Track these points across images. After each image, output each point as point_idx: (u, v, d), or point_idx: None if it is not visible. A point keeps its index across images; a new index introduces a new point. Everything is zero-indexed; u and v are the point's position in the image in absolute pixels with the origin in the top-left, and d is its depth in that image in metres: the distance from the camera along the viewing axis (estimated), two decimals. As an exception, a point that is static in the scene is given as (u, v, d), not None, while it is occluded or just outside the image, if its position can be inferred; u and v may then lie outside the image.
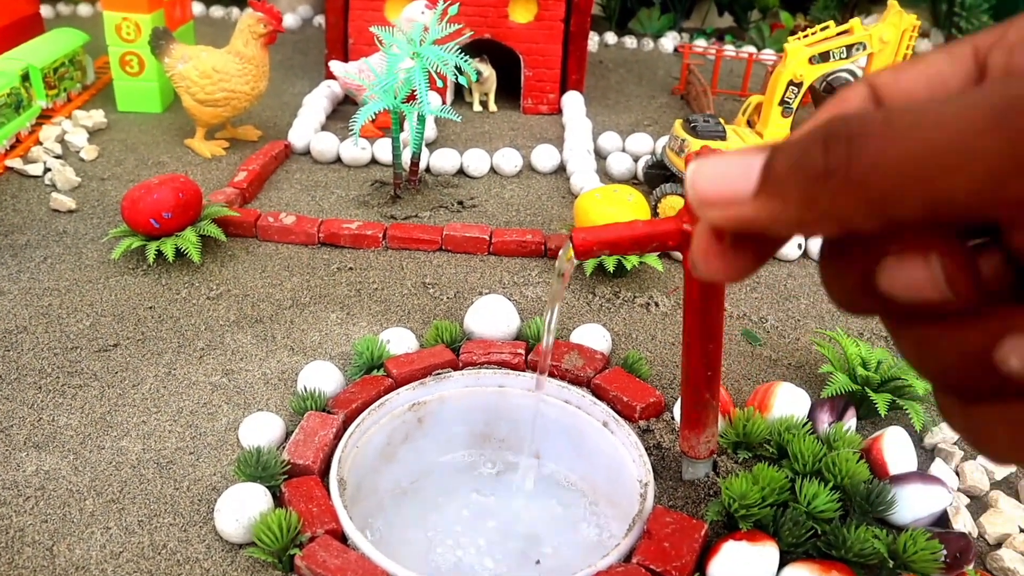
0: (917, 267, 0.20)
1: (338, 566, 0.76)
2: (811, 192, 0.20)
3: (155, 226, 1.27)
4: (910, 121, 0.18)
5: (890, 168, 0.18)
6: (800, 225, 0.20)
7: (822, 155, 0.19)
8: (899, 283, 0.20)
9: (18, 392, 1.02)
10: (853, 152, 0.19)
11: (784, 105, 1.49)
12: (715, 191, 0.21)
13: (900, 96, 0.24)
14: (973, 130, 0.17)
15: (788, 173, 0.20)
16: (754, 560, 0.80)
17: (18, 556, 0.80)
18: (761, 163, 0.21)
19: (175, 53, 1.66)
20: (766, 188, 0.21)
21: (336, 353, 1.12)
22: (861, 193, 0.19)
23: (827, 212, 0.19)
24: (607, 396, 1.01)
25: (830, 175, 0.19)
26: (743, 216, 0.21)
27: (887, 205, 0.19)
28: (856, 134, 0.19)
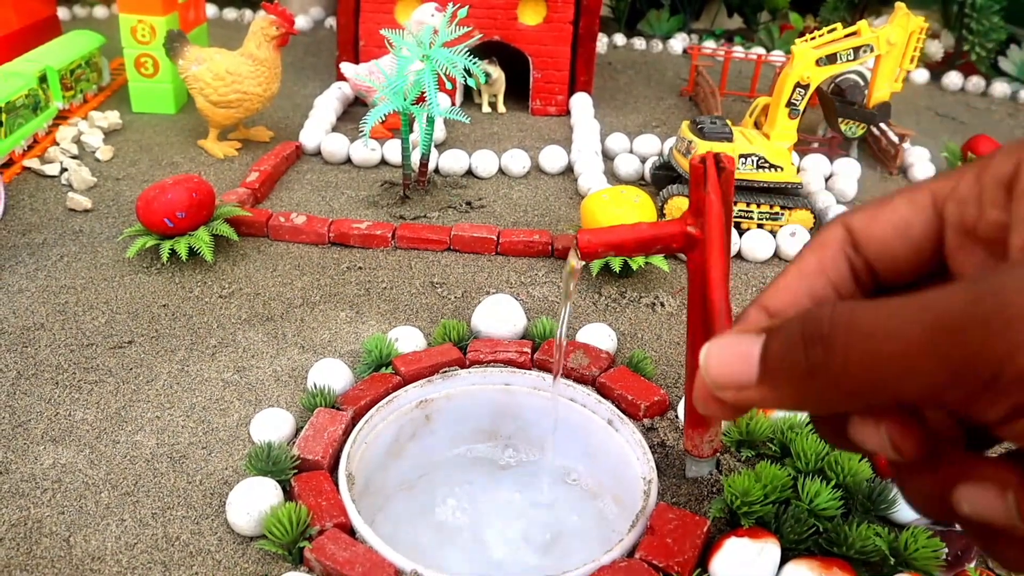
0: (870, 431, 0.24)
1: (346, 558, 0.78)
2: (800, 387, 0.24)
3: (169, 225, 1.29)
4: (868, 330, 0.22)
5: (857, 373, 0.22)
6: (795, 408, 0.25)
7: (803, 355, 0.23)
8: (862, 440, 0.25)
9: (35, 387, 1.04)
10: (828, 354, 0.23)
11: (791, 107, 1.50)
12: (725, 379, 0.26)
13: (873, 241, 0.28)
14: (915, 347, 0.21)
15: (779, 368, 0.24)
16: (756, 556, 0.81)
17: (36, 547, 0.82)
18: (758, 353, 0.25)
19: (189, 55, 1.68)
20: (765, 379, 0.25)
21: (345, 351, 1.14)
22: (837, 390, 0.23)
23: (814, 401, 0.24)
24: (612, 394, 1.03)
25: (812, 374, 0.23)
26: (750, 400, 0.26)
27: (859, 398, 0.23)
28: (827, 337, 0.23)
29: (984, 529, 0.24)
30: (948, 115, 2.35)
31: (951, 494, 0.24)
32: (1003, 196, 0.25)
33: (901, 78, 1.64)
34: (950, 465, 0.24)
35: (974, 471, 0.23)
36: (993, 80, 2.59)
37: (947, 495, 0.24)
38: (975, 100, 2.52)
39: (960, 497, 0.23)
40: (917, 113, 2.32)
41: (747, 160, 1.45)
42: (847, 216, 0.28)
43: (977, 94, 2.57)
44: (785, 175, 1.47)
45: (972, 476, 0.23)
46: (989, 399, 0.21)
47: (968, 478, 0.23)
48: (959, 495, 0.23)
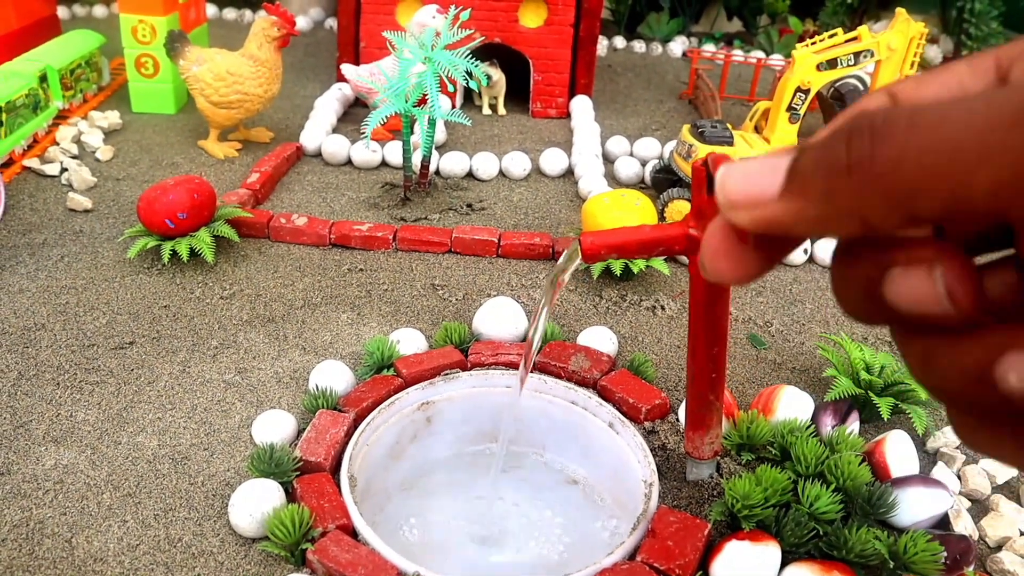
0: (920, 278, 0.20)
1: (349, 560, 0.78)
2: (833, 187, 0.20)
3: (170, 226, 1.29)
4: (934, 118, 0.18)
5: (912, 163, 0.18)
6: (822, 222, 0.21)
7: (845, 150, 0.19)
8: (902, 293, 0.20)
9: (37, 388, 1.04)
10: (876, 146, 0.19)
11: (791, 111, 1.51)
12: (742, 193, 0.22)
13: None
14: (998, 127, 0.17)
15: (812, 170, 0.20)
16: (756, 560, 0.81)
17: (38, 547, 0.82)
18: (787, 163, 0.21)
19: (190, 55, 1.68)
20: (790, 187, 0.21)
21: (347, 353, 1.14)
22: (882, 188, 0.19)
23: (848, 208, 0.20)
24: (613, 397, 1.03)
25: (852, 170, 0.19)
26: (769, 216, 0.22)
27: (907, 200, 0.19)
28: (879, 129, 0.19)
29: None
30: (946, 120, 2.36)
31: (996, 364, 0.19)
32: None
33: (901, 83, 1.64)
34: (996, 332, 0.20)
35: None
36: (991, 85, 2.59)
37: (989, 368, 0.19)
38: (973, 105, 2.53)
39: (1008, 366, 0.19)
40: (916, 117, 2.33)
41: (747, 164, 1.45)
42: (894, 83, 0.24)
43: (975, 99, 2.58)
44: (785, 179, 1.47)
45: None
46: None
47: (1022, 344, 0.19)
48: (1007, 363, 0.19)
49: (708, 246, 0.24)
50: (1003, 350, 0.19)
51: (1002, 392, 0.19)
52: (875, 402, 1.03)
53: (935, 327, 0.21)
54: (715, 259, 0.24)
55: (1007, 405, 0.19)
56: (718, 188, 0.23)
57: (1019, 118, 0.17)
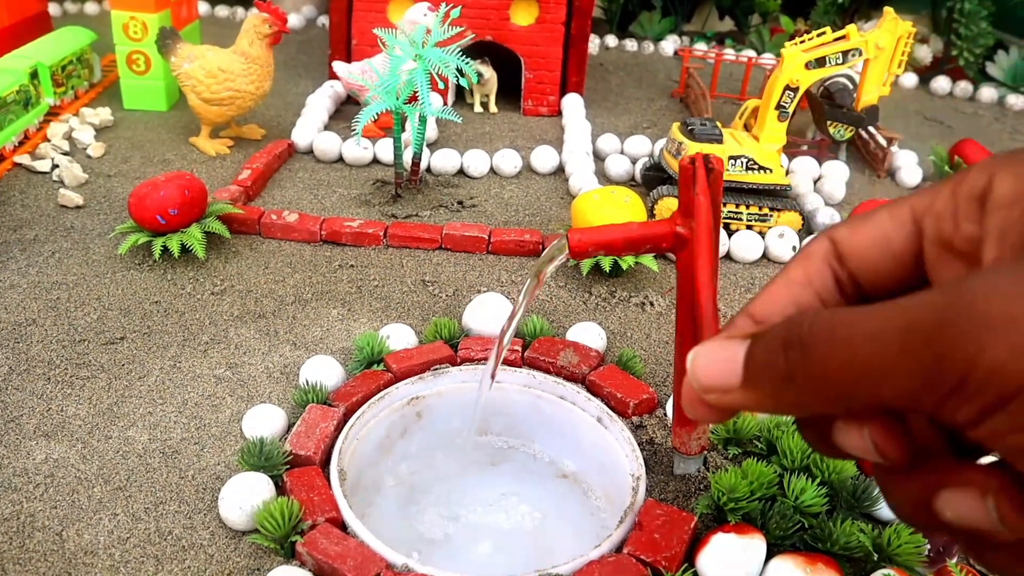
0: (854, 435, 0.25)
1: (338, 552, 0.79)
2: (779, 390, 0.25)
3: (161, 222, 1.29)
4: (845, 335, 0.23)
5: (835, 376, 0.23)
6: (776, 411, 0.26)
7: (784, 360, 0.24)
8: (846, 444, 0.25)
9: (27, 383, 1.05)
10: (807, 358, 0.23)
11: (780, 109, 1.52)
12: (711, 382, 0.27)
13: (855, 253, 0.29)
14: (889, 351, 0.22)
15: (761, 372, 0.25)
16: (742, 552, 0.82)
17: (28, 540, 0.83)
18: (743, 357, 0.26)
19: (181, 52, 1.68)
20: (748, 383, 0.26)
21: (337, 348, 1.15)
22: (816, 393, 0.24)
23: (795, 403, 0.25)
24: (601, 392, 1.04)
25: (791, 378, 0.24)
26: (734, 403, 0.27)
27: (839, 401, 0.24)
28: (807, 342, 0.24)
29: (968, 535, 0.24)
30: (936, 119, 2.38)
31: (934, 500, 0.24)
32: (976, 211, 0.26)
33: (889, 82, 1.65)
34: (933, 471, 0.24)
35: (956, 476, 0.24)
36: (981, 85, 2.61)
37: (930, 501, 0.24)
38: (963, 105, 2.55)
39: (942, 503, 0.23)
40: (905, 117, 2.35)
41: (736, 162, 1.46)
42: (832, 229, 0.30)
43: (965, 99, 2.60)
44: (774, 177, 1.48)
45: (953, 481, 0.23)
46: (959, 401, 0.21)
47: (949, 483, 0.23)
48: (941, 501, 0.23)
49: (687, 399, 0.29)
50: (938, 488, 0.24)
51: (944, 522, 0.24)
52: (861, 397, 1.04)
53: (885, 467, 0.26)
54: (695, 411, 0.29)
55: (951, 530, 0.24)
56: (690, 373, 0.27)
57: (902, 349, 0.21)
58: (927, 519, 0.24)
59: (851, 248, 0.29)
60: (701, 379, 0.27)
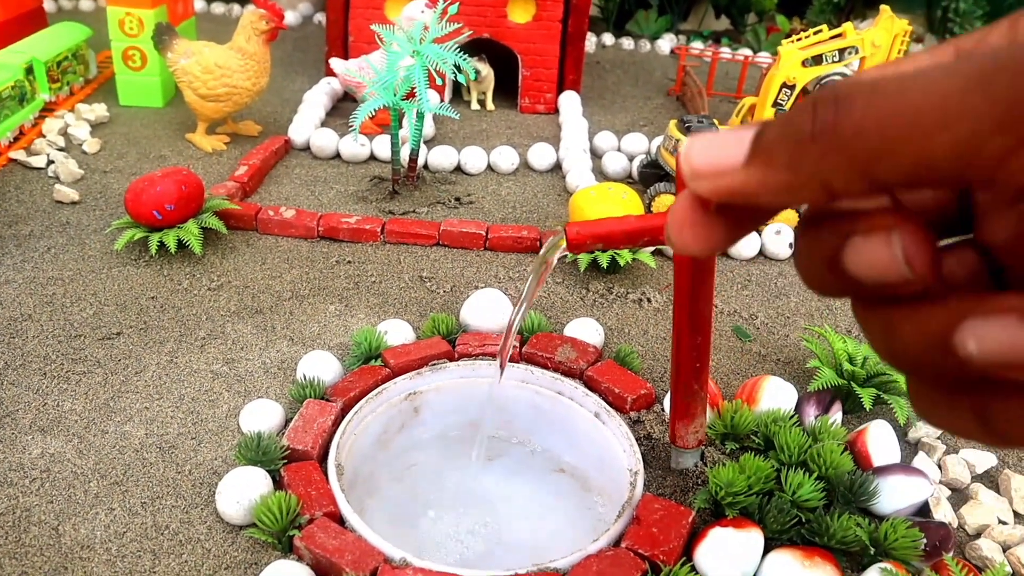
0: (879, 244, 0.20)
1: (335, 546, 0.79)
2: (798, 155, 0.20)
3: (158, 218, 1.29)
4: (896, 86, 0.19)
5: (875, 128, 0.19)
6: (786, 191, 0.21)
7: (810, 119, 0.20)
8: (862, 261, 0.21)
9: (23, 378, 1.04)
10: (840, 114, 0.19)
11: (777, 107, 1.52)
12: (707, 162, 0.22)
13: None
14: (958, 92, 0.18)
15: (777, 139, 0.21)
16: (740, 546, 0.82)
17: (25, 535, 0.82)
18: (752, 135, 0.21)
19: (178, 48, 1.68)
20: (755, 156, 0.21)
21: (335, 344, 1.15)
22: (846, 153, 0.19)
23: (812, 175, 0.20)
24: (599, 388, 1.04)
25: (816, 137, 0.19)
26: (732, 185, 0.22)
27: (871, 166, 0.19)
28: (843, 98, 0.19)
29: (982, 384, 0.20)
30: (931, 118, 2.38)
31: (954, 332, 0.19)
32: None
33: (885, 80, 1.65)
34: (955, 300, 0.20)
35: (989, 303, 0.19)
36: (975, 84, 2.62)
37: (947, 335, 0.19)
38: (957, 103, 2.55)
39: (966, 333, 0.19)
40: (900, 115, 2.35)
41: (733, 159, 1.46)
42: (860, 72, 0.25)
43: (959, 97, 2.60)
44: (771, 174, 1.48)
45: (985, 308, 0.19)
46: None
47: (980, 311, 0.19)
48: (965, 331, 0.19)
49: (673, 217, 0.24)
50: (963, 316, 0.19)
51: (960, 359, 0.19)
52: (858, 393, 1.04)
53: (895, 297, 0.21)
54: (680, 230, 0.24)
55: (965, 372, 0.20)
56: (683, 158, 0.23)
57: (974, 83, 0.18)
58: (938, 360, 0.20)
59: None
60: (694, 160, 0.22)
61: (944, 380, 0.21)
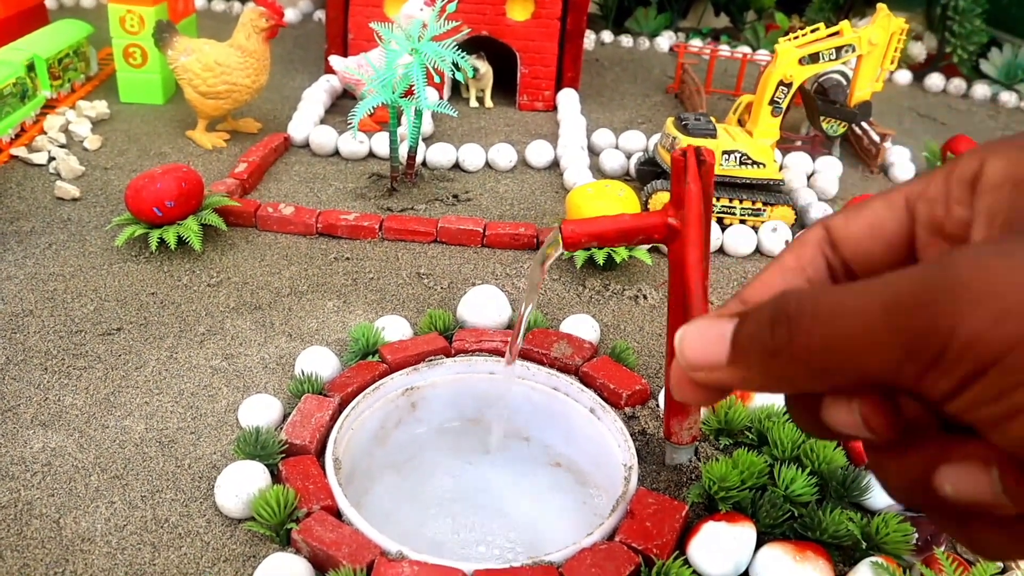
0: (843, 411, 0.25)
1: (333, 540, 0.80)
2: (766, 365, 0.25)
3: (158, 214, 1.30)
4: (830, 311, 0.23)
5: (819, 351, 0.23)
6: (763, 387, 0.26)
7: (770, 336, 0.24)
8: (834, 422, 0.25)
9: (25, 373, 1.05)
10: (792, 335, 0.24)
11: (774, 105, 1.53)
12: (698, 360, 0.27)
13: (849, 240, 0.29)
14: (872, 325, 0.22)
15: (748, 348, 0.25)
16: (732, 540, 0.83)
17: (26, 528, 0.83)
18: (731, 334, 0.26)
19: (178, 46, 1.69)
20: (735, 358, 0.26)
21: (333, 339, 1.16)
22: (801, 368, 0.24)
23: (780, 379, 0.25)
24: (594, 383, 1.05)
25: (777, 353, 0.24)
26: (721, 380, 0.27)
27: (825, 377, 0.24)
28: (793, 318, 0.24)
29: (963, 512, 0.24)
30: (929, 116, 2.39)
31: (932, 476, 0.23)
32: (968, 194, 0.26)
33: (882, 78, 1.67)
34: (929, 447, 0.24)
35: (956, 450, 0.23)
36: (974, 82, 2.63)
37: (927, 478, 0.24)
38: (956, 102, 2.56)
39: (943, 478, 0.23)
40: (899, 113, 2.36)
41: (730, 156, 1.47)
42: (827, 218, 0.30)
43: (958, 96, 2.61)
44: (767, 172, 1.49)
45: (954, 455, 0.23)
46: (939, 373, 0.21)
47: (949, 457, 0.23)
48: (941, 476, 0.23)
49: (675, 381, 0.29)
50: (937, 463, 0.24)
51: (942, 499, 0.24)
52: (851, 389, 1.05)
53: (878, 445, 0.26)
54: (682, 391, 0.29)
55: (950, 505, 0.24)
56: (678, 352, 0.28)
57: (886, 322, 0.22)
58: (924, 496, 0.24)
59: (845, 235, 0.29)
60: (688, 356, 0.27)
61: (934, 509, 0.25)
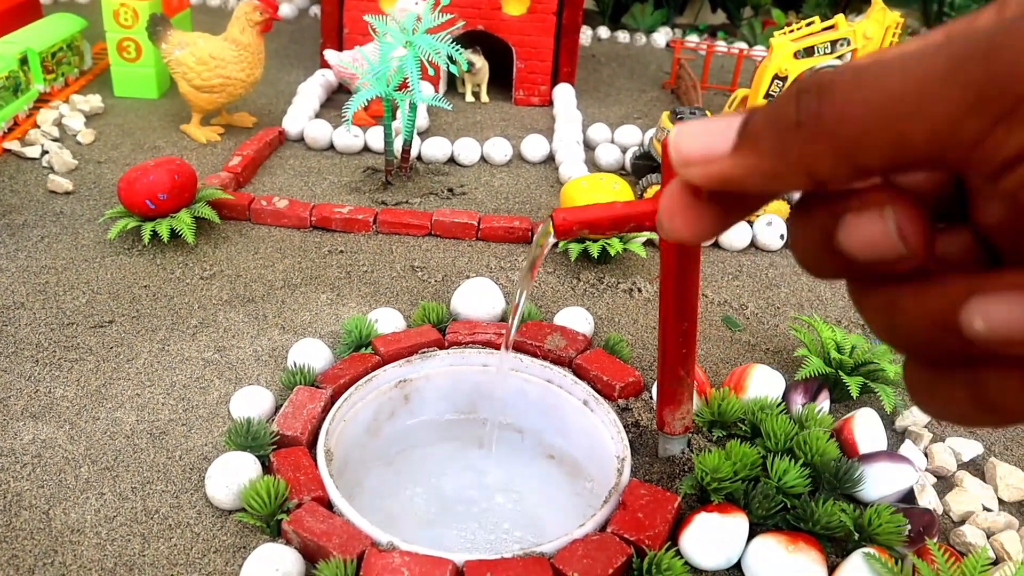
0: (873, 221, 0.20)
1: (323, 531, 0.79)
2: (783, 143, 0.20)
3: (151, 207, 1.29)
4: (877, 72, 0.19)
5: (856, 115, 0.19)
6: (773, 177, 0.21)
7: (795, 107, 0.20)
8: (856, 238, 0.21)
9: (15, 365, 1.05)
10: (823, 102, 0.20)
11: (769, 98, 1.52)
12: (695, 150, 0.22)
13: None
14: (933, 77, 0.18)
15: (763, 127, 0.21)
16: (725, 530, 0.83)
17: (15, 519, 0.83)
18: (739, 122, 0.22)
19: (172, 39, 1.68)
20: (743, 143, 0.21)
21: (326, 332, 1.15)
22: (829, 140, 0.20)
23: (798, 161, 0.20)
24: (588, 375, 1.04)
25: (801, 125, 0.20)
26: (721, 172, 0.22)
27: (853, 151, 0.19)
28: (826, 85, 0.20)
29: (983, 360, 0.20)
30: (925, 111, 2.39)
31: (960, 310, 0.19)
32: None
33: (877, 72, 1.66)
34: (957, 280, 0.20)
35: (990, 280, 0.20)
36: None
37: (953, 313, 0.20)
38: (952, 97, 2.55)
39: (973, 311, 0.19)
40: (895, 109, 2.35)
41: (725, 150, 1.46)
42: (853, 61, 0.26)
43: (954, 91, 2.61)
44: (762, 165, 1.49)
45: (990, 285, 0.19)
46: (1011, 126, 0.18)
47: (985, 287, 0.19)
48: (971, 309, 0.19)
49: (664, 205, 0.25)
50: (967, 295, 0.19)
51: (966, 337, 0.19)
52: (845, 381, 1.05)
53: (895, 276, 0.21)
54: (671, 217, 0.24)
55: (969, 349, 0.20)
56: (671, 146, 0.23)
57: (948, 68, 0.18)
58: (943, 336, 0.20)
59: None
60: (682, 147, 0.23)
61: (943, 358, 0.21)
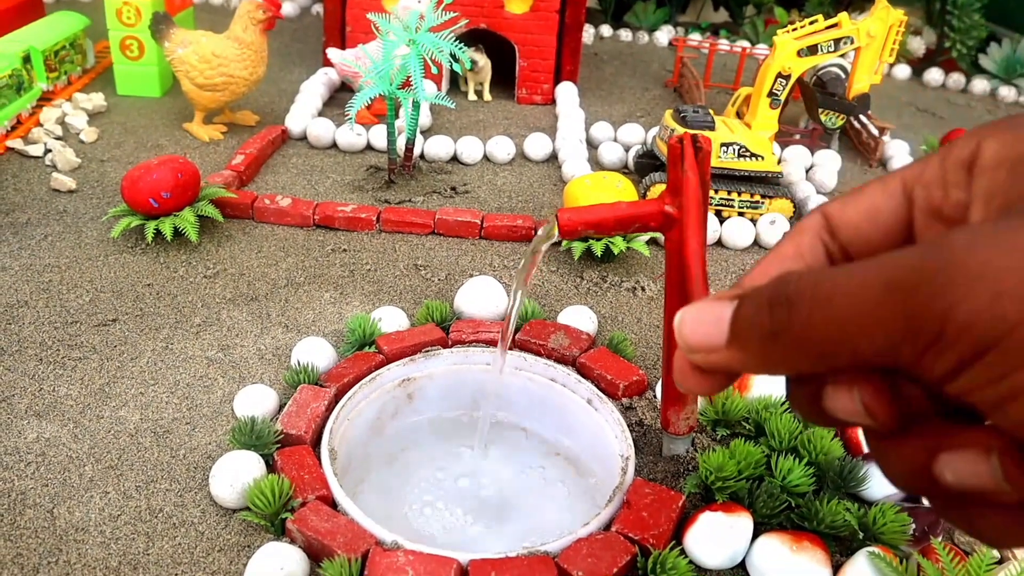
0: (843, 397, 0.25)
1: (328, 529, 0.79)
2: (765, 347, 0.25)
3: (154, 205, 1.29)
4: (828, 292, 0.23)
5: (817, 334, 0.23)
6: (762, 369, 0.26)
7: (768, 318, 0.24)
8: (834, 408, 0.25)
9: (19, 363, 1.05)
10: (791, 317, 0.24)
11: (772, 97, 1.52)
12: (698, 340, 0.27)
13: (847, 226, 0.29)
14: (870, 305, 0.22)
15: (747, 329, 0.25)
16: (729, 530, 0.83)
17: (20, 517, 0.83)
18: (730, 316, 0.26)
19: (175, 38, 1.68)
20: (734, 340, 0.26)
21: (329, 331, 1.15)
22: (800, 350, 0.24)
23: (779, 362, 0.25)
24: (592, 374, 1.04)
25: (776, 336, 0.24)
26: (719, 362, 0.27)
27: (822, 359, 0.24)
28: (792, 300, 0.24)
29: (965, 500, 0.24)
30: (928, 110, 2.39)
31: (933, 464, 0.23)
32: (964, 177, 0.26)
33: (880, 71, 1.66)
34: (930, 434, 0.24)
35: (956, 437, 0.23)
36: (973, 77, 2.62)
37: (928, 465, 0.23)
38: (955, 96, 2.55)
39: (943, 465, 0.23)
40: (898, 108, 2.35)
41: (728, 149, 1.47)
42: (825, 204, 0.30)
43: (957, 90, 2.60)
44: (766, 164, 1.49)
45: (954, 443, 0.23)
46: (937, 353, 0.21)
47: (950, 445, 0.23)
48: (942, 463, 0.23)
49: (678, 369, 0.29)
50: (937, 450, 0.23)
51: (943, 486, 0.23)
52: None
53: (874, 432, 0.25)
54: (684, 379, 0.29)
55: (951, 493, 0.24)
56: (677, 334, 0.27)
57: (885, 297, 0.22)
58: (925, 484, 0.24)
59: (843, 221, 0.29)
60: (688, 338, 0.27)
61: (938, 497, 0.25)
